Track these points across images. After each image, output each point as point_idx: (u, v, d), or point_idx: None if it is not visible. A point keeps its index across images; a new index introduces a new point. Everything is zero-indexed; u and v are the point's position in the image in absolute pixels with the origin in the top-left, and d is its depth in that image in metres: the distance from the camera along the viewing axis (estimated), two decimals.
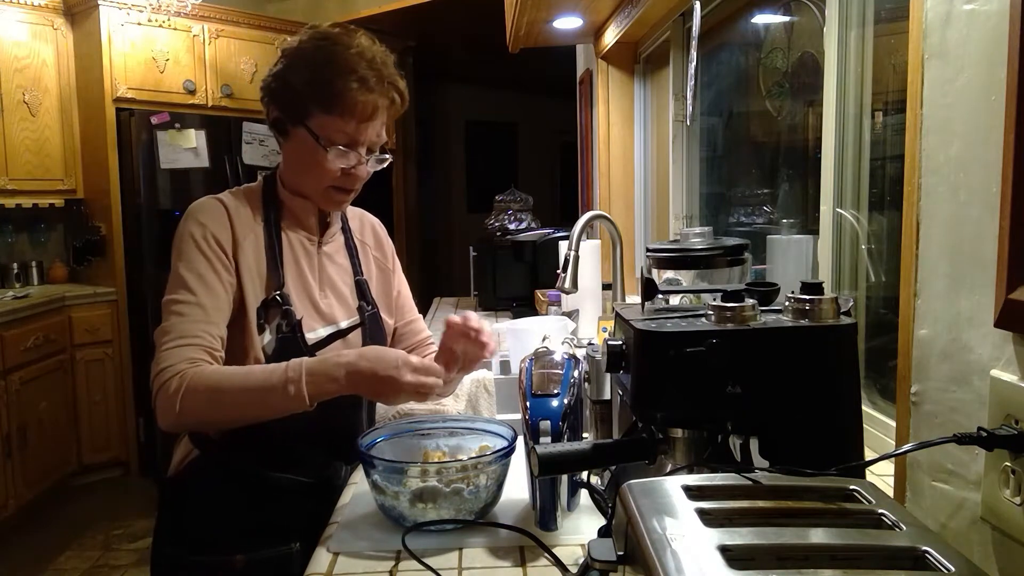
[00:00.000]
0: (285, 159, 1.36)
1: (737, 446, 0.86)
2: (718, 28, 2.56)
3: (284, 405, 1.16)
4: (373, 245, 1.55)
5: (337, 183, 1.33)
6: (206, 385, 1.16)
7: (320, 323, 1.36)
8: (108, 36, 4.24)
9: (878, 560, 0.60)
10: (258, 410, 1.18)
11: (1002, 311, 0.73)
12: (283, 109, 1.32)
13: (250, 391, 1.17)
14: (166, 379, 1.17)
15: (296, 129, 1.31)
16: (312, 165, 1.30)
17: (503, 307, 3.24)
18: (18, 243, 4.57)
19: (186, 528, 1.33)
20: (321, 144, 1.28)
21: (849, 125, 1.63)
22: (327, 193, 1.34)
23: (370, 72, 1.27)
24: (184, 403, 1.15)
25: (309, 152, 1.30)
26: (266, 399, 1.16)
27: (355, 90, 1.26)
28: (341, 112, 1.27)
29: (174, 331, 1.21)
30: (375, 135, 1.32)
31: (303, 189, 1.35)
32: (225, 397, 1.17)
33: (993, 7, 0.76)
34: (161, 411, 1.18)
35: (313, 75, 1.27)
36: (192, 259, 1.27)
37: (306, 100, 1.28)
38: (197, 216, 1.32)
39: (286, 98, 1.30)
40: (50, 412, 4.01)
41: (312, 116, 1.28)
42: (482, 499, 1.16)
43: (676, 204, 2.96)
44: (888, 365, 1.45)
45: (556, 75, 5.19)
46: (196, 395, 1.16)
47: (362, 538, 1.14)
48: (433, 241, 7.27)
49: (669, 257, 1.27)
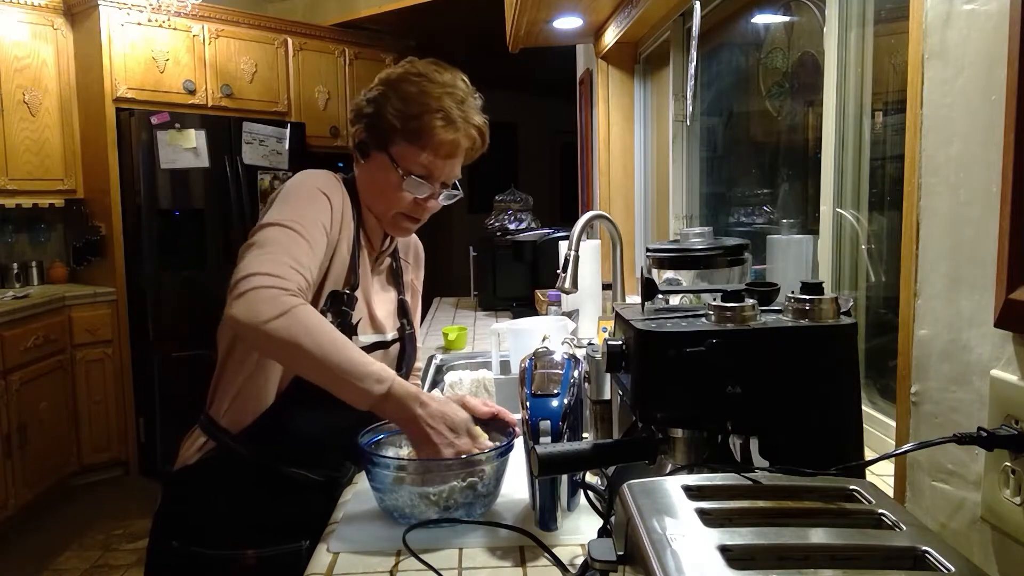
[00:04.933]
0: (361, 179, 1.41)
1: (737, 446, 0.86)
2: (718, 28, 2.56)
3: (355, 390, 1.14)
4: (413, 265, 1.60)
5: (407, 211, 1.37)
6: (316, 321, 1.14)
7: (371, 330, 1.40)
8: (108, 36, 4.24)
9: (878, 560, 0.60)
10: (338, 374, 1.14)
11: (1002, 311, 0.73)
12: (370, 133, 1.36)
13: (351, 354, 1.15)
14: (276, 286, 1.13)
15: (378, 153, 1.36)
16: (387, 190, 1.36)
17: (503, 307, 3.24)
18: (18, 243, 4.57)
19: (194, 521, 1.33)
20: (400, 172, 1.33)
21: (849, 125, 1.63)
22: (396, 219, 1.39)
23: (456, 111, 1.33)
24: (288, 320, 1.11)
25: (387, 178, 1.35)
26: (353, 372, 1.14)
27: (439, 127, 1.31)
28: (423, 145, 1.32)
29: (284, 249, 1.19)
30: (451, 171, 1.38)
31: (374, 210, 1.40)
32: (328, 340, 1.14)
33: (993, 7, 0.76)
34: (252, 309, 1.11)
35: (404, 106, 1.32)
36: (311, 206, 1.27)
37: (394, 129, 1.33)
38: (321, 186, 1.32)
39: (374, 123, 1.35)
40: (50, 412, 4.01)
41: (395, 144, 1.34)
42: (492, 494, 1.18)
43: (676, 204, 2.96)
44: (888, 365, 1.46)
45: (556, 75, 5.19)
46: (300, 321, 1.12)
47: (363, 537, 1.14)
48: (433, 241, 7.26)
49: (669, 257, 1.27)
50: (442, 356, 2.33)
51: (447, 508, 1.14)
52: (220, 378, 1.36)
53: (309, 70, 5.17)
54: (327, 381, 1.15)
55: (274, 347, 1.15)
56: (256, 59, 4.86)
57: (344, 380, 1.14)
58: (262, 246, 1.19)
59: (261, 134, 4.66)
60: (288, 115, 5.01)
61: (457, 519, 1.15)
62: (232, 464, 1.31)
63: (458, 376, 1.87)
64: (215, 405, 1.35)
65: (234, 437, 1.32)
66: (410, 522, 1.14)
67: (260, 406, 1.31)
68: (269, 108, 4.93)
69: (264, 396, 1.31)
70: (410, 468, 1.15)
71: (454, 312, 3.33)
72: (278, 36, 4.99)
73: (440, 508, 1.14)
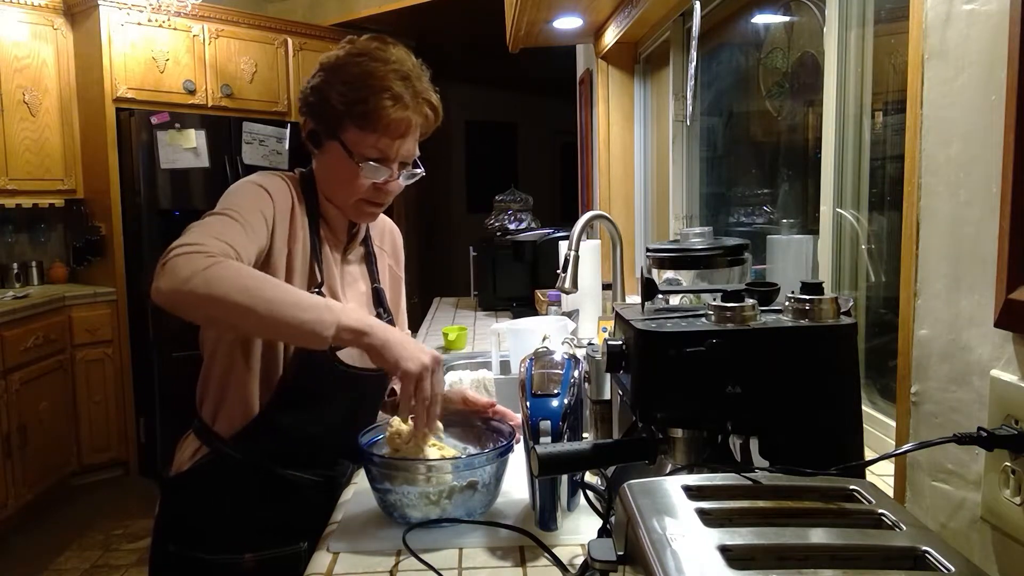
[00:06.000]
0: (318, 170, 1.37)
1: (737, 446, 0.86)
2: (718, 28, 2.56)
3: (308, 324, 1.10)
4: (390, 252, 1.56)
5: (368, 197, 1.34)
6: (241, 270, 1.10)
7: None
8: (108, 36, 4.24)
9: (878, 560, 0.60)
10: (279, 314, 1.09)
11: (1002, 311, 0.73)
12: (318, 122, 1.33)
13: (286, 291, 1.12)
14: (193, 251, 1.09)
15: (330, 142, 1.32)
16: (344, 179, 1.32)
17: (503, 307, 3.24)
18: (18, 243, 4.57)
19: (192, 526, 1.32)
20: (354, 159, 1.30)
21: (849, 125, 1.63)
22: (358, 206, 1.35)
23: (405, 89, 1.28)
24: (207, 275, 1.06)
25: (342, 166, 1.31)
26: (298, 305, 1.10)
27: (389, 108, 1.27)
28: (375, 129, 1.28)
29: (213, 228, 1.17)
30: (407, 151, 1.33)
31: (335, 200, 1.37)
32: (255, 284, 1.10)
33: (993, 7, 0.76)
34: (170, 276, 1.07)
35: (349, 91, 1.28)
36: (247, 198, 1.25)
37: (341, 115, 1.29)
38: (261, 182, 1.31)
39: (322, 112, 1.31)
40: (50, 412, 4.00)
41: (346, 131, 1.29)
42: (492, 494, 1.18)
43: (676, 204, 2.96)
44: (888, 365, 1.46)
45: (556, 75, 5.19)
46: (221, 274, 1.08)
47: (363, 537, 1.14)
48: (433, 241, 7.31)
49: (669, 257, 1.27)
50: (442, 356, 2.32)
51: (446, 508, 1.14)
52: (206, 382, 1.34)
53: (309, 70, 5.07)
54: (269, 326, 1.11)
55: (202, 306, 1.08)
56: (256, 59, 4.86)
57: (287, 317, 1.09)
58: (188, 230, 1.16)
59: (261, 134, 4.65)
60: (288, 115, 5.00)
61: (457, 519, 1.15)
62: (227, 468, 1.30)
63: (458, 376, 1.87)
64: (204, 409, 1.33)
65: (227, 441, 1.30)
66: (410, 522, 1.14)
67: (249, 410, 1.29)
68: (269, 108, 4.93)
69: (251, 398, 1.29)
70: (409, 467, 1.15)
71: (454, 312, 3.33)
72: (278, 36, 4.99)
73: (439, 508, 1.14)
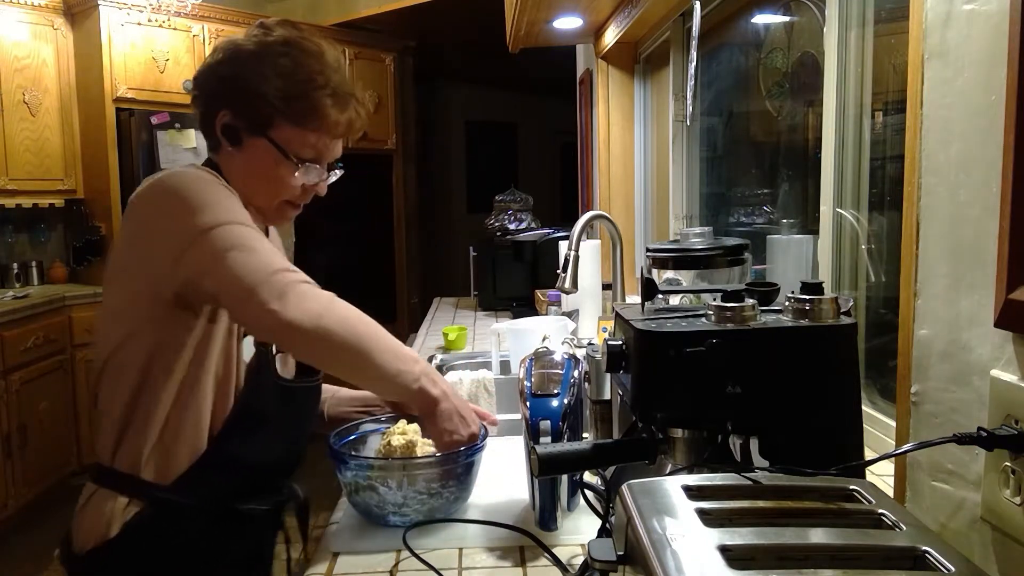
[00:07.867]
0: (234, 169, 1.21)
1: (737, 446, 0.86)
2: (718, 28, 2.56)
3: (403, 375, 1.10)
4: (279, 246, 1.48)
5: (293, 197, 1.24)
6: (351, 308, 1.08)
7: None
8: (108, 36, 4.24)
9: (878, 560, 0.60)
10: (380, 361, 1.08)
11: (1002, 311, 0.73)
12: (240, 116, 1.19)
13: (385, 336, 1.10)
14: (301, 279, 1.05)
15: (256, 139, 1.19)
16: (272, 179, 1.21)
17: (503, 307, 3.23)
18: (18, 243, 4.57)
19: None
20: (290, 158, 1.19)
21: (849, 125, 1.63)
22: (280, 208, 1.25)
23: (342, 87, 1.21)
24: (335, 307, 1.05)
25: (270, 165, 1.20)
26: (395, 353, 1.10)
27: (330, 106, 1.18)
28: (316, 127, 1.19)
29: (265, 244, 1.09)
30: (338, 151, 1.26)
31: (254, 200, 1.22)
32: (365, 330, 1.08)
33: (993, 7, 0.76)
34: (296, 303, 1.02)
35: (285, 85, 1.17)
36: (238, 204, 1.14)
37: (273, 111, 1.17)
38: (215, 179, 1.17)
39: (246, 105, 1.18)
40: (50, 412, 4.00)
41: (277, 127, 1.18)
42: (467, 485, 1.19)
43: (676, 204, 2.96)
44: (888, 365, 1.45)
45: (556, 75, 5.18)
46: (348, 310, 1.06)
47: (362, 537, 1.15)
48: (433, 241, 7.30)
49: (669, 257, 1.27)
50: (442, 356, 2.33)
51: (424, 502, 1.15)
52: (126, 425, 1.14)
53: None
54: (368, 372, 1.10)
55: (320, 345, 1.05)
56: None
57: (387, 365, 1.08)
58: (251, 239, 1.07)
59: None
60: None
61: (457, 519, 1.15)
62: (171, 519, 1.14)
63: (458, 376, 1.87)
64: (126, 458, 1.14)
65: (167, 488, 1.14)
66: (386, 522, 1.15)
67: (196, 444, 1.14)
68: None
69: (198, 433, 1.14)
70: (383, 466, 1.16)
71: (454, 312, 3.33)
72: None
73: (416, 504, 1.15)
